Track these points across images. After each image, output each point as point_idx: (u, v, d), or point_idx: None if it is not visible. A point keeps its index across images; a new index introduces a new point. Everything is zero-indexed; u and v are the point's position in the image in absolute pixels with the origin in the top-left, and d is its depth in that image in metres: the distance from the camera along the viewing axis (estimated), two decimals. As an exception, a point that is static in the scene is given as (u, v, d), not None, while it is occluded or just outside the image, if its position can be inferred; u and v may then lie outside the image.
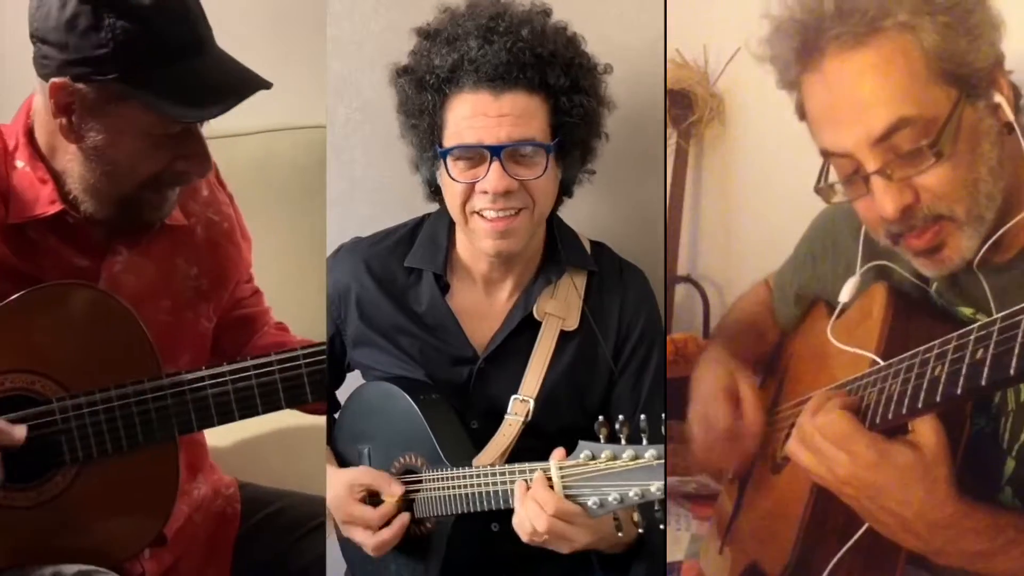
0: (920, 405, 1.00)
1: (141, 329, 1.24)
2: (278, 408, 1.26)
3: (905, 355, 1.05)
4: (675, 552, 1.43)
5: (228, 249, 1.41)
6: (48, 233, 1.25)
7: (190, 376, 1.24)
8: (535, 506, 1.14)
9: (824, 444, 1.06)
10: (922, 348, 1.02)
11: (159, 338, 1.26)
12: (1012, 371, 0.89)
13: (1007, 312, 0.92)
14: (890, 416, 1.05)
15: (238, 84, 1.19)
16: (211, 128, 1.24)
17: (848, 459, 1.04)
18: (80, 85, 1.16)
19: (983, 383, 0.93)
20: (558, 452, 1.16)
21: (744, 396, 1.30)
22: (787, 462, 1.27)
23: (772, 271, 1.42)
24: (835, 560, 1.12)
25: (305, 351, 1.25)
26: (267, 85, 1.20)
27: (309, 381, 1.25)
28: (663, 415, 1.11)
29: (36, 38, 1.18)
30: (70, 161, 1.23)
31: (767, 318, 1.42)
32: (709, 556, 1.41)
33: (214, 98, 1.17)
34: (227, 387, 1.24)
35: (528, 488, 1.16)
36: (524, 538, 1.17)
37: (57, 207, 1.23)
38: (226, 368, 1.25)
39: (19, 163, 1.24)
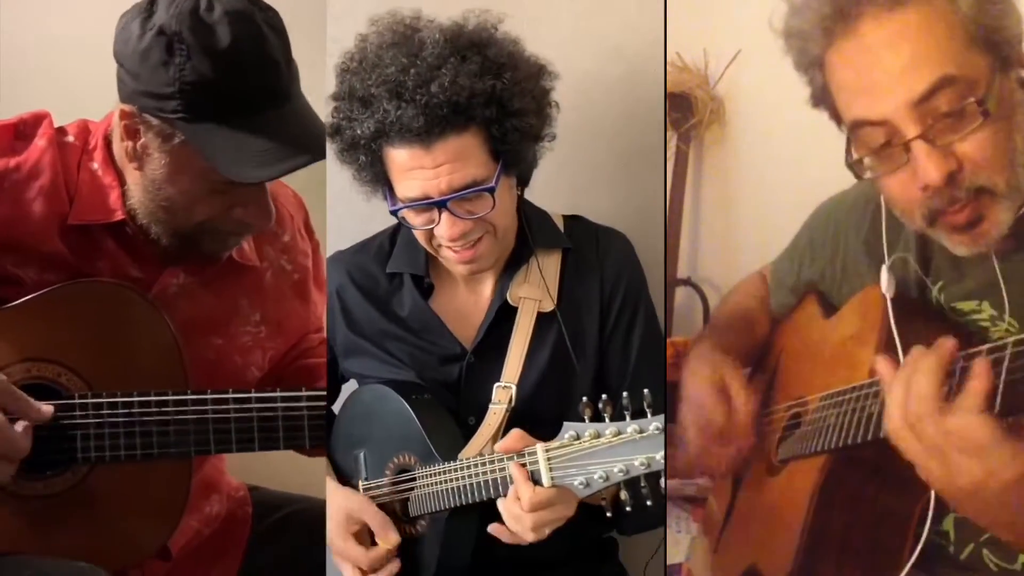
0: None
1: (175, 342, 1.23)
2: (300, 446, 1.24)
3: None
4: (675, 555, 1.43)
5: (294, 303, 1.38)
6: (108, 237, 1.24)
7: (214, 396, 1.22)
8: (512, 514, 1.15)
9: (955, 454, 0.98)
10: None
11: (196, 374, 1.24)
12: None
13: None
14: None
15: (299, 148, 1.15)
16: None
17: (982, 471, 0.97)
18: (147, 116, 1.15)
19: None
20: (514, 435, 1.16)
21: (734, 394, 1.28)
22: (784, 464, 1.27)
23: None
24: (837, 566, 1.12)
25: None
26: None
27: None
28: (645, 391, 1.09)
29: (116, 59, 1.17)
30: (135, 184, 1.21)
31: (758, 310, 1.41)
32: (699, 557, 1.41)
33: (270, 159, 1.13)
34: (251, 413, 1.22)
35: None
36: (529, 541, 1.17)
37: (120, 216, 1.22)
38: (252, 395, 1.23)
39: (94, 165, 1.23)
